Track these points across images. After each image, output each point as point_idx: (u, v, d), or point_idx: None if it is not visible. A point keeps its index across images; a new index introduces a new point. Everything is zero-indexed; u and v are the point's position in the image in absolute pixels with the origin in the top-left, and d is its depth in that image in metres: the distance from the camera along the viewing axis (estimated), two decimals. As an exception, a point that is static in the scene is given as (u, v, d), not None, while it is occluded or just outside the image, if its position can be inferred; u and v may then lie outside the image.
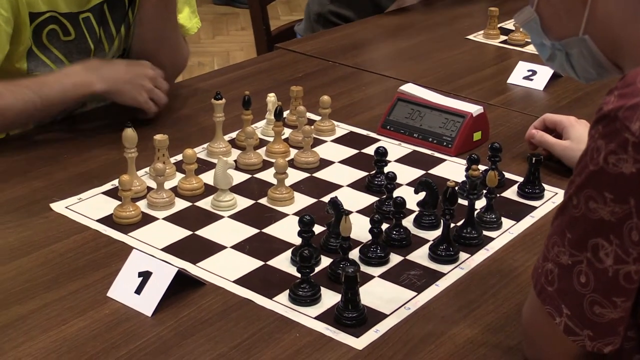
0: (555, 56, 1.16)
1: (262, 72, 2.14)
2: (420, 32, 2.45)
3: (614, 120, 0.92)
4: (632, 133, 0.90)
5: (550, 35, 1.14)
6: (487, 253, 1.39)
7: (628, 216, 0.92)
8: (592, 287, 0.96)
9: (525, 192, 1.56)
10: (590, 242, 0.95)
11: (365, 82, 2.08)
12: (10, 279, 1.29)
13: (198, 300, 1.25)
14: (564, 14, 1.10)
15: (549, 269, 1.00)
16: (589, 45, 1.09)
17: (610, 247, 0.94)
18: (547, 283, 1.00)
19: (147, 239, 1.40)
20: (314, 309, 1.23)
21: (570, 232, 0.97)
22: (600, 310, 0.97)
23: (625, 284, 0.95)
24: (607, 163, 0.92)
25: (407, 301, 1.26)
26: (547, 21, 1.13)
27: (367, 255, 1.34)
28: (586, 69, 1.13)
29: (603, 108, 0.94)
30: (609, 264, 0.94)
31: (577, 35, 1.09)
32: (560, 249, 0.98)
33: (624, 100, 0.92)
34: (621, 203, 0.92)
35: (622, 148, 0.91)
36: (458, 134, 1.71)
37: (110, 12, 1.80)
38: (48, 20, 1.69)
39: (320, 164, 1.65)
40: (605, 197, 0.93)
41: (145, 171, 1.58)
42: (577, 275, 0.97)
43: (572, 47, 1.12)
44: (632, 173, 0.90)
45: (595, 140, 0.94)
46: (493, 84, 2.09)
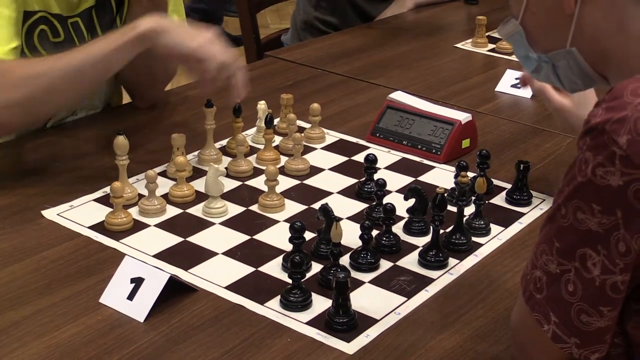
0: (541, 68, 1.17)
1: (252, 80, 2.12)
2: (409, 41, 2.46)
3: (601, 133, 0.92)
4: (620, 146, 0.90)
5: (536, 47, 1.15)
6: (476, 259, 1.40)
7: (615, 227, 0.93)
8: (580, 296, 0.97)
9: (513, 199, 1.57)
10: (578, 252, 0.96)
11: (354, 90, 2.09)
12: (2, 285, 1.29)
13: (190, 306, 1.25)
14: (550, 27, 1.11)
15: (538, 276, 1.00)
16: (575, 57, 1.10)
17: (598, 257, 0.95)
18: (536, 290, 1.01)
19: (139, 245, 1.40)
20: (305, 314, 1.24)
21: (559, 241, 0.98)
22: (588, 319, 0.97)
23: (612, 293, 0.96)
24: (595, 175, 0.93)
25: (397, 306, 1.27)
26: (533, 34, 1.14)
27: (357, 261, 1.35)
28: (572, 79, 1.14)
29: (591, 120, 0.94)
30: (597, 273, 0.95)
31: (564, 48, 1.10)
32: (549, 257, 0.99)
33: (611, 114, 0.92)
34: (608, 215, 0.93)
35: (610, 161, 0.91)
36: (447, 142, 1.72)
37: (97, 17, 1.81)
38: (39, 21, 1.70)
39: (310, 171, 1.66)
40: (593, 208, 0.93)
41: (136, 178, 1.59)
42: (565, 284, 0.97)
43: (559, 59, 1.13)
44: (619, 186, 0.91)
45: (584, 152, 0.94)
46: (481, 92, 2.10)
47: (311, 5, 2.78)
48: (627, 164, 0.90)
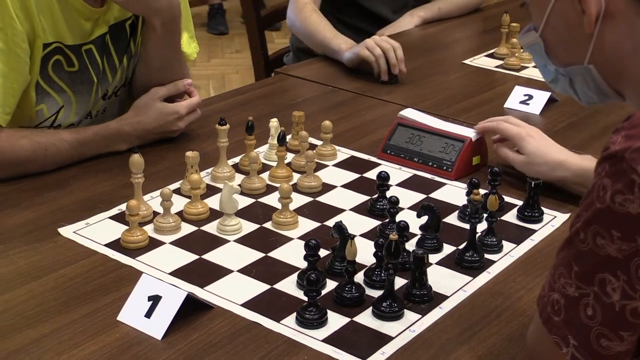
0: (558, 80, 1.18)
1: (263, 97, 2.16)
2: (417, 57, 2.46)
3: (620, 161, 0.93)
4: (639, 174, 0.91)
5: (554, 60, 1.16)
6: (489, 276, 1.41)
7: (635, 254, 0.93)
8: (599, 320, 0.97)
9: (524, 216, 1.58)
10: (597, 277, 0.96)
11: (365, 107, 2.10)
12: (21, 303, 1.30)
13: (207, 324, 1.26)
14: (569, 43, 1.12)
15: (555, 299, 1.00)
16: (592, 74, 1.11)
17: (618, 282, 0.95)
18: (554, 313, 1.01)
19: (155, 263, 1.41)
20: (320, 331, 1.25)
21: (577, 265, 0.98)
22: (607, 343, 0.97)
23: (632, 319, 0.96)
24: (614, 202, 0.93)
25: (412, 323, 1.27)
26: (552, 48, 1.15)
27: (371, 279, 1.36)
28: (589, 94, 1.15)
29: (610, 147, 0.95)
30: (616, 299, 0.95)
31: (582, 64, 1.11)
32: (567, 281, 0.99)
33: (631, 142, 0.93)
34: (628, 241, 0.93)
35: (629, 189, 0.92)
36: (458, 158, 1.73)
37: (112, 43, 1.83)
38: (54, 51, 1.72)
39: (323, 188, 1.67)
40: (612, 234, 0.94)
41: (151, 196, 1.60)
42: (584, 308, 0.97)
43: (576, 75, 1.13)
44: (638, 213, 0.91)
45: (602, 178, 0.95)
46: (490, 108, 2.10)
47: None
48: None
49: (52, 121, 1.77)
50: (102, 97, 1.86)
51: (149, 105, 1.80)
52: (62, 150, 1.70)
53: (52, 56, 1.72)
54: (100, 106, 1.87)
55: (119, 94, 1.91)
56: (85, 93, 1.80)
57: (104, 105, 1.88)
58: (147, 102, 1.81)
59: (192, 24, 2.02)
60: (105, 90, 1.85)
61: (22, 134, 1.68)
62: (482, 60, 2.47)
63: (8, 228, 1.51)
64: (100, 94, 1.84)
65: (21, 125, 1.74)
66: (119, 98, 1.92)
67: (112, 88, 1.87)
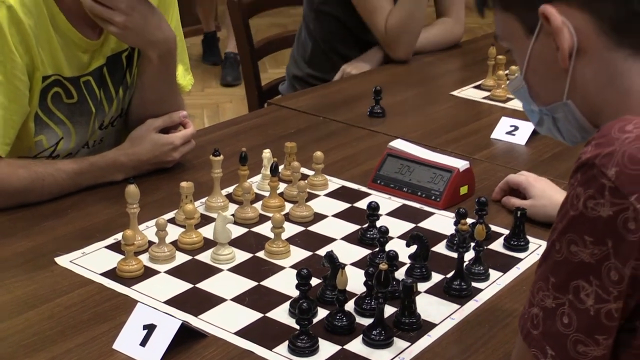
0: (543, 121, 1.20)
1: (256, 128, 2.17)
2: (406, 89, 2.49)
3: (591, 167, 0.95)
4: (609, 178, 0.93)
5: (537, 101, 1.18)
6: (477, 304, 1.41)
7: (606, 257, 0.94)
8: (575, 327, 0.98)
9: (511, 245, 1.59)
10: (572, 285, 0.97)
11: (355, 138, 2.11)
12: (18, 332, 1.30)
13: (201, 352, 1.26)
14: (548, 80, 1.14)
15: (535, 313, 1.02)
16: (572, 110, 1.13)
17: (591, 288, 0.96)
18: (533, 327, 1.02)
19: (150, 292, 1.41)
20: (313, 359, 1.25)
21: (554, 276, 0.99)
22: (584, 349, 0.98)
23: (606, 322, 0.97)
24: (586, 208, 0.95)
25: (402, 351, 1.28)
26: (534, 88, 1.17)
27: (361, 307, 1.37)
28: (571, 132, 1.17)
29: (581, 157, 0.97)
30: (590, 304, 0.96)
31: (561, 101, 1.13)
32: (545, 293, 1.00)
33: (600, 149, 0.95)
34: (600, 245, 0.94)
35: (600, 193, 0.94)
36: (446, 189, 1.74)
37: (109, 74, 1.84)
38: (53, 84, 1.73)
39: (314, 218, 1.68)
40: (585, 240, 0.95)
41: (146, 225, 1.61)
42: (560, 317, 0.99)
43: (558, 112, 1.15)
44: (609, 216, 0.93)
45: (575, 188, 0.97)
46: (477, 139, 2.12)
47: (304, 62, 2.81)
48: (615, 195, 0.93)
49: (52, 152, 1.79)
50: (99, 128, 1.87)
51: (145, 137, 1.81)
52: (60, 180, 1.71)
53: (51, 88, 1.73)
54: (97, 136, 1.88)
55: (115, 124, 1.92)
56: (83, 124, 1.81)
57: (101, 135, 1.90)
58: (142, 133, 1.82)
59: (187, 57, 2.03)
60: (102, 121, 1.87)
61: (20, 164, 1.69)
62: (470, 92, 2.49)
63: (5, 257, 1.51)
64: (97, 125, 1.86)
65: (20, 155, 1.74)
66: (115, 128, 1.93)
67: (109, 118, 1.88)
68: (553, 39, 1.08)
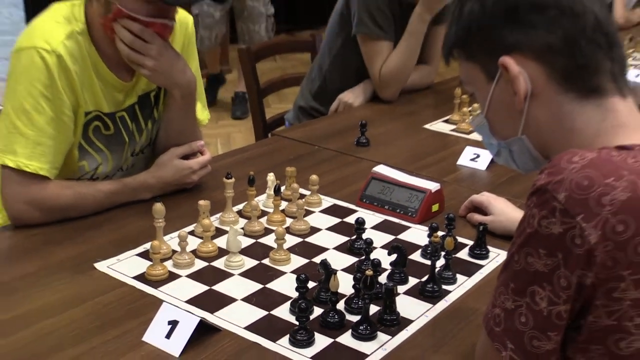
0: (501, 153, 1.20)
1: (262, 155, 2.17)
2: (387, 123, 2.48)
3: (544, 192, 0.95)
4: (559, 201, 0.93)
5: (496, 136, 1.18)
6: (446, 303, 1.41)
7: (557, 267, 0.94)
8: (531, 325, 0.98)
9: (474, 253, 1.59)
10: (528, 290, 0.97)
11: (344, 164, 2.11)
12: (64, 326, 1.29)
13: (216, 344, 1.26)
14: (506, 119, 1.14)
15: (497, 313, 1.02)
16: (526, 144, 1.13)
17: (544, 292, 0.96)
18: (495, 325, 1.02)
19: (173, 293, 1.41)
20: (309, 350, 1.25)
21: (513, 282, 0.99)
22: (538, 343, 0.98)
23: (557, 321, 0.97)
24: (541, 226, 0.95)
25: (384, 343, 1.28)
26: (494, 125, 1.17)
27: (350, 306, 1.36)
28: (525, 162, 1.17)
29: (536, 183, 0.97)
30: (544, 306, 0.96)
31: (517, 136, 1.13)
32: (505, 297, 1.00)
33: (552, 177, 0.95)
34: (552, 257, 0.94)
35: (552, 213, 0.94)
36: (420, 206, 1.74)
37: (140, 110, 1.84)
38: (94, 118, 1.73)
39: (310, 231, 1.67)
40: (539, 252, 0.95)
41: (170, 236, 1.60)
42: (518, 317, 0.99)
43: (514, 145, 1.15)
44: (559, 233, 0.93)
45: (531, 209, 0.97)
46: (446, 165, 2.12)
47: (311, 95, 2.81)
48: (565, 215, 0.93)
49: (92, 174, 1.78)
50: (131, 155, 1.87)
51: (169, 162, 1.81)
52: (99, 199, 1.71)
53: (92, 122, 1.73)
54: (130, 162, 1.88)
55: (144, 152, 1.92)
56: (118, 152, 1.81)
57: (133, 161, 1.89)
58: (167, 159, 1.82)
59: (205, 96, 2.03)
60: (133, 149, 1.86)
61: (66, 185, 1.69)
62: (439, 125, 2.48)
63: (53, 263, 1.51)
64: (130, 152, 1.85)
65: (67, 177, 1.74)
66: (144, 155, 1.93)
67: (139, 147, 1.88)
68: (511, 85, 1.09)
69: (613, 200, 0.92)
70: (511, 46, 1.07)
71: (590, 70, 1.06)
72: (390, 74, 2.62)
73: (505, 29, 1.08)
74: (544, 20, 1.05)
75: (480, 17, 1.10)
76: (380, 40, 2.61)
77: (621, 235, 0.92)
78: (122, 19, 1.62)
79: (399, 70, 2.62)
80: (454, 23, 1.15)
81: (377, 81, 2.65)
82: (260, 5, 4.85)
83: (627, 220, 0.92)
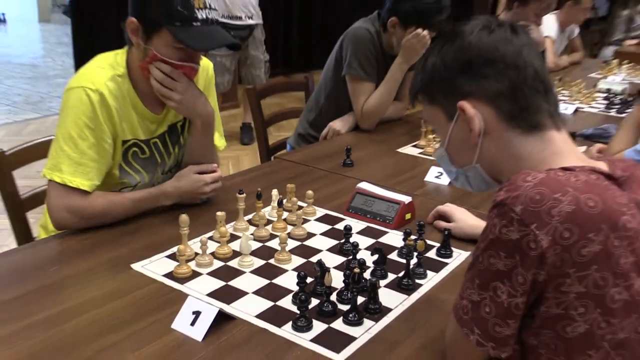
0: (458, 177, 1.19)
1: (267, 175, 2.16)
2: (367, 147, 2.48)
3: (504, 205, 0.95)
4: (516, 213, 0.93)
5: (455, 164, 1.18)
6: (419, 295, 1.40)
7: (515, 266, 0.94)
8: (494, 314, 0.98)
9: (441, 253, 1.58)
10: (491, 285, 0.97)
11: (334, 180, 2.10)
12: (107, 315, 1.28)
13: (231, 329, 1.25)
14: (463, 152, 1.13)
15: (465, 304, 1.01)
16: (479, 170, 1.13)
17: (504, 287, 0.96)
18: (464, 314, 1.01)
19: (196, 288, 1.40)
20: (308, 334, 1.24)
21: (478, 279, 0.99)
22: (500, 329, 0.98)
23: (515, 311, 0.97)
24: (501, 233, 0.95)
25: (369, 328, 1.27)
26: (453, 156, 1.17)
27: (341, 297, 1.35)
28: (479, 184, 1.17)
29: (496, 199, 0.97)
30: (504, 298, 0.96)
31: (472, 164, 1.13)
32: (472, 291, 1.00)
33: (509, 193, 0.95)
34: (511, 258, 0.94)
35: (510, 223, 0.94)
36: (396, 215, 1.73)
37: (169, 137, 1.83)
38: (132, 145, 1.72)
39: (307, 236, 1.66)
40: (500, 254, 0.95)
41: (193, 241, 1.58)
42: (483, 307, 0.98)
43: (469, 172, 1.15)
44: (517, 239, 0.93)
45: (492, 219, 0.97)
46: (415, 181, 2.11)
47: (308, 123, 2.81)
48: (521, 224, 0.93)
49: (131, 189, 1.77)
50: (162, 174, 1.85)
51: (186, 175, 1.78)
52: (127, 206, 1.68)
53: (131, 148, 1.72)
54: (160, 179, 1.86)
55: (172, 171, 1.90)
56: (152, 172, 1.80)
57: (163, 179, 1.87)
58: (185, 173, 1.79)
59: (222, 127, 2.02)
60: (163, 169, 1.85)
61: (100, 195, 1.65)
62: (409, 149, 2.48)
63: (96, 264, 1.49)
64: (160, 172, 1.84)
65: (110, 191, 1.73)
66: (172, 173, 1.91)
67: (168, 167, 1.87)
68: (467, 123, 1.09)
69: (560, 211, 0.92)
70: (467, 93, 1.08)
71: (531, 111, 1.07)
72: (371, 110, 2.62)
73: (462, 79, 1.08)
74: (493, 73, 1.06)
75: (441, 70, 1.10)
76: (364, 82, 2.62)
77: (567, 240, 0.92)
78: (157, 62, 1.63)
79: (378, 108, 2.63)
80: (420, 73, 1.15)
81: (360, 115, 2.65)
82: (260, 54, 4.94)
83: (572, 228, 0.92)
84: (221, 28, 1.65)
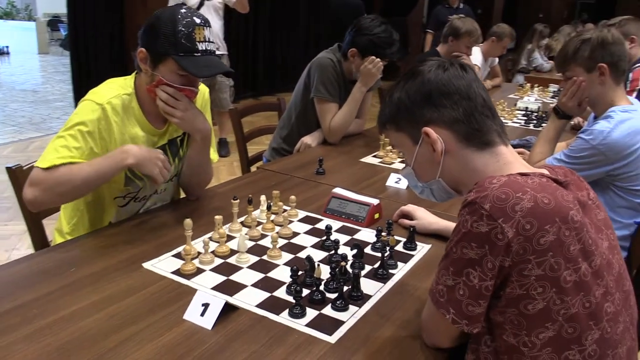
0: (424, 191, 1.19)
1: (253, 182, 2.11)
2: (335, 158, 2.46)
3: (474, 204, 0.95)
4: (485, 210, 0.93)
5: (420, 180, 1.17)
6: (392, 283, 1.39)
7: (485, 255, 0.94)
8: (467, 296, 0.97)
9: (407, 247, 1.57)
10: (464, 271, 0.96)
11: (311, 187, 2.07)
12: (123, 309, 1.22)
13: (236, 318, 1.21)
14: (427, 169, 1.13)
15: (440, 288, 1.00)
16: (442, 184, 1.13)
17: (476, 272, 0.95)
18: (440, 297, 1.00)
19: (201, 282, 1.35)
20: (303, 320, 1.21)
21: (452, 266, 0.98)
22: (472, 309, 0.97)
23: (485, 292, 0.96)
24: (472, 227, 0.94)
25: (354, 313, 1.24)
26: (419, 173, 1.16)
27: (328, 287, 1.33)
28: (441, 196, 1.16)
29: (467, 199, 0.97)
30: (476, 282, 0.96)
31: (435, 179, 1.13)
32: (447, 277, 0.99)
33: (479, 193, 0.96)
34: (481, 248, 0.94)
35: (480, 218, 0.94)
36: (367, 215, 1.71)
37: (170, 150, 1.77)
38: None
39: (293, 235, 1.63)
40: (472, 245, 0.95)
41: (195, 242, 1.53)
42: (457, 290, 0.98)
43: (433, 185, 1.15)
44: (486, 231, 0.93)
45: (464, 216, 0.96)
46: (379, 186, 2.10)
47: (281, 139, 2.77)
48: (489, 219, 0.93)
49: (135, 195, 1.70)
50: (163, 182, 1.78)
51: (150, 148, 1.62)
52: (85, 170, 1.49)
53: None
54: (162, 187, 1.80)
55: (173, 180, 1.84)
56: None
57: (165, 187, 1.81)
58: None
59: (215, 143, 1.96)
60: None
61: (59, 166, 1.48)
62: (370, 159, 2.46)
63: (111, 264, 1.42)
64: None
65: (116, 196, 1.66)
66: (173, 182, 1.85)
67: (169, 176, 1.81)
68: (430, 146, 1.08)
69: (522, 207, 0.92)
70: (429, 120, 1.08)
71: (483, 131, 1.08)
72: (337, 126, 2.61)
73: (424, 109, 1.08)
74: (450, 103, 1.07)
75: (405, 102, 1.10)
76: (330, 103, 2.60)
77: (528, 231, 0.92)
78: (162, 85, 1.58)
79: (343, 125, 2.61)
80: (387, 106, 1.15)
81: (327, 131, 2.63)
82: (225, 80, 4.91)
83: (532, 221, 0.92)
84: (217, 58, 1.61)
